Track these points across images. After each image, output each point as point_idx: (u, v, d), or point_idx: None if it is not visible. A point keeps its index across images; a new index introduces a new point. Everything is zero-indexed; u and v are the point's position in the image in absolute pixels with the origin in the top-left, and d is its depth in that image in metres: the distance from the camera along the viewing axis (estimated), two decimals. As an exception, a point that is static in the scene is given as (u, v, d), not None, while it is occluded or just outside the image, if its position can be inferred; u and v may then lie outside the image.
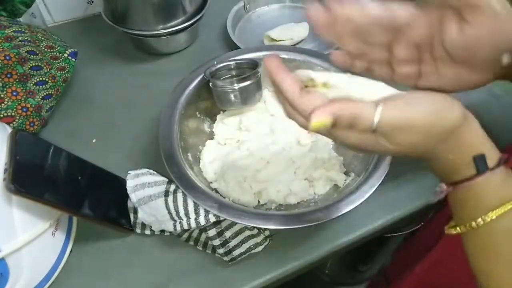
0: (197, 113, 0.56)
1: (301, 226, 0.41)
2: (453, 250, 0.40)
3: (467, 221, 0.27)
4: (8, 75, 0.48)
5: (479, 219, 0.26)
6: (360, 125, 0.26)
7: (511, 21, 0.25)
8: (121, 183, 0.46)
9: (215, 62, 0.56)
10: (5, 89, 0.49)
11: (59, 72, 0.55)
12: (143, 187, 0.45)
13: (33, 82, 0.51)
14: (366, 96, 0.27)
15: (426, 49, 0.28)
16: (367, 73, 0.31)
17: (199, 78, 0.55)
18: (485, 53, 0.26)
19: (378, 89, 0.28)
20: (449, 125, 0.26)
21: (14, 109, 0.50)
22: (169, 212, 0.44)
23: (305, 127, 0.28)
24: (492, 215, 0.25)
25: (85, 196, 0.43)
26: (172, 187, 0.46)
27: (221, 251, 0.45)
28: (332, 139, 0.28)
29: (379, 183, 0.44)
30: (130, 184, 0.45)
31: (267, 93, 0.60)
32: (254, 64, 0.55)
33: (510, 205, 0.25)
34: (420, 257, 0.48)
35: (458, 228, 0.28)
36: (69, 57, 0.56)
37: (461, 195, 0.27)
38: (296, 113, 0.28)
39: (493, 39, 0.25)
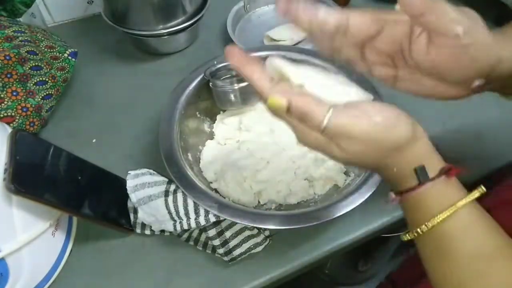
0: (197, 113, 0.56)
1: (301, 226, 0.41)
2: None
3: (415, 228, 0.28)
4: (8, 75, 0.48)
5: (423, 226, 0.28)
6: (310, 122, 0.27)
7: (480, 50, 0.26)
8: (121, 183, 0.46)
9: (215, 62, 0.56)
10: (5, 89, 0.49)
11: (59, 72, 0.55)
12: (143, 187, 0.45)
13: (33, 82, 0.51)
14: (335, 99, 0.28)
15: (398, 57, 0.30)
16: (349, 64, 0.32)
17: (199, 78, 0.55)
18: (452, 75, 0.28)
19: (349, 94, 0.29)
20: (395, 142, 0.27)
21: (14, 109, 0.50)
22: (169, 212, 0.44)
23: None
24: (435, 220, 0.27)
25: (85, 196, 0.43)
26: (172, 187, 0.46)
27: (221, 251, 0.45)
28: (293, 132, 0.30)
29: (379, 183, 0.44)
30: (130, 184, 0.45)
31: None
32: None
33: (450, 211, 0.26)
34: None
35: (407, 235, 0.30)
36: (69, 57, 0.56)
37: (408, 203, 0.29)
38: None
39: (459, 64, 0.27)
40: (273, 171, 0.51)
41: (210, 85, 0.54)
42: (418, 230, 0.28)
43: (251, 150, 0.53)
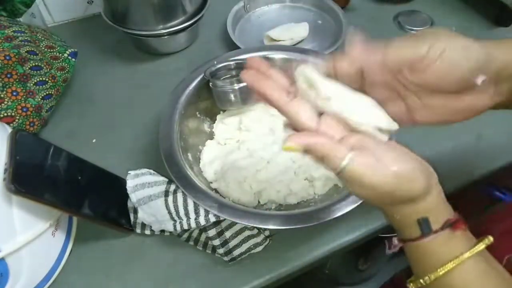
0: (197, 113, 0.56)
1: (301, 226, 0.41)
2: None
3: (420, 277, 0.28)
4: (8, 75, 0.48)
5: (426, 277, 0.28)
6: (327, 163, 0.27)
7: (455, 54, 0.27)
8: (121, 183, 0.46)
9: (215, 62, 0.56)
10: (5, 89, 0.49)
11: (59, 72, 0.55)
12: (143, 187, 0.45)
13: (33, 82, 0.51)
14: (359, 115, 0.28)
15: (398, 85, 0.29)
16: None
17: (199, 78, 0.55)
18: (445, 84, 0.27)
19: (372, 117, 0.29)
20: (405, 197, 0.27)
21: (14, 109, 0.50)
22: (169, 212, 0.44)
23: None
24: (438, 273, 0.27)
25: (85, 196, 0.43)
26: (172, 187, 0.46)
27: (221, 251, 0.45)
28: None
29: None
30: (130, 184, 0.45)
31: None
32: None
33: (453, 264, 0.26)
34: None
35: (412, 284, 0.30)
36: (69, 57, 0.56)
37: (411, 252, 0.29)
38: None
39: (442, 73, 0.27)
40: (273, 171, 0.51)
41: (210, 85, 0.54)
42: (422, 281, 0.28)
43: (251, 150, 0.53)
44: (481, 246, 0.27)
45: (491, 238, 0.28)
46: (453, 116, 0.30)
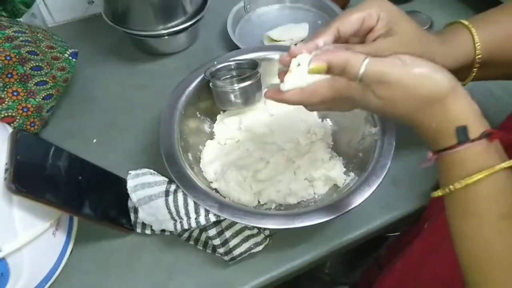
0: (197, 113, 0.56)
1: (301, 225, 0.41)
2: (438, 243, 0.41)
3: (448, 185, 0.29)
4: (9, 75, 0.48)
5: (456, 183, 0.28)
6: (349, 72, 0.29)
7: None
8: (122, 183, 0.46)
9: (215, 62, 0.56)
10: (5, 89, 0.49)
11: (59, 72, 0.55)
12: (144, 187, 0.45)
13: (33, 82, 0.51)
14: None
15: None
16: None
17: (199, 79, 0.55)
18: None
19: None
20: (431, 91, 0.28)
21: (15, 109, 0.50)
22: (170, 212, 0.44)
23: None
24: (469, 180, 0.27)
25: (85, 196, 0.43)
26: (173, 187, 0.46)
27: (221, 250, 0.45)
28: (331, 92, 0.33)
29: (378, 183, 0.44)
30: (130, 184, 0.45)
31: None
32: (254, 64, 0.55)
33: (486, 173, 0.27)
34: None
35: (438, 191, 0.30)
36: (70, 57, 0.56)
37: (445, 162, 0.29)
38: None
39: None
40: (273, 171, 0.51)
41: (210, 85, 0.54)
42: (451, 187, 0.28)
43: (251, 150, 0.53)
44: None
45: None
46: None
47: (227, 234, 0.46)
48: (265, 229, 0.48)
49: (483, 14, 0.40)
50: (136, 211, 0.47)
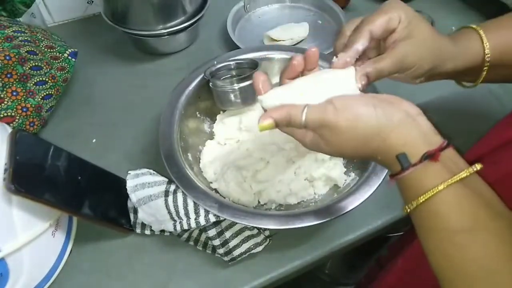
0: (197, 113, 0.56)
1: (301, 226, 0.41)
2: None
3: (406, 204, 0.31)
4: (8, 75, 0.49)
5: (409, 204, 0.30)
6: (294, 123, 0.32)
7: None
8: (121, 183, 0.47)
9: (215, 62, 0.56)
10: (5, 89, 0.49)
11: (59, 72, 0.55)
12: (143, 187, 0.45)
13: (33, 82, 0.51)
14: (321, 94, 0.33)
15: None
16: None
17: (199, 78, 0.55)
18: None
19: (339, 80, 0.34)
20: (364, 130, 0.30)
21: (14, 109, 0.50)
22: (169, 212, 0.44)
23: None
24: (419, 201, 0.29)
25: (85, 196, 0.43)
26: (172, 187, 0.46)
27: (221, 251, 0.45)
28: (291, 136, 0.35)
29: (379, 183, 0.44)
30: (130, 184, 0.45)
31: (267, 93, 0.60)
32: (254, 64, 0.55)
33: (432, 193, 0.28)
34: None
35: (404, 210, 0.32)
36: (69, 57, 0.57)
37: (399, 185, 0.31)
38: None
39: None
40: (273, 171, 0.51)
41: (210, 85, 0.54)
42: (406, 207, 0.30)
43: (251, 150, 0.53)
44: (463, 174, 0.28)
45: (478, 166, 0.29)
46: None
47: (227, 234, 0.46)
48: (265, 229, 0.48)
49: (495, 19, 0.42)
50: (135, 211, 0.47)
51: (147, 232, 0.48)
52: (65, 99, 0.62)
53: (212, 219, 0.43)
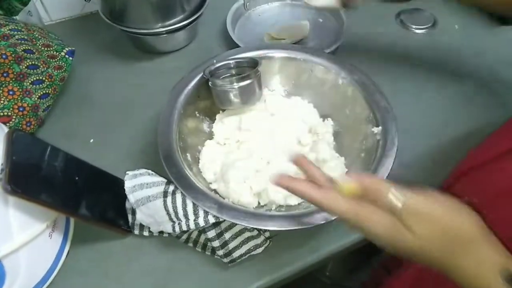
0: (196, 112, 0.56)
1: (302, 227, 0.41)
2: None
3: None
4: (4, 74, 0.49)
5: None
6: (383, 201, 0.28)
7: None
8: (119, 183, 0.46)
9: (215, 61, 0.56)
10: (1, 88, 0.49)
11: (56, 71, 0.55)
12: (142, 187, 0.45)
13: (29, 81, 0.51)
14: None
15: None
16: None
17: (198, 77, 0.55)
18: None
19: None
20: (466, 229, 0.28)
21: (11, 109, 0.50)
22: (168, 213, 0.44)
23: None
24: None
25: (82, 197, 0.43)
26: (171, 187, 0.46)
27: (220, 252, 0.45)
28: (354, 220, 0.30)
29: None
30: (128, 184, 0.45)
31: (268, 92, 0.60)
32: (254, 63, 0.55)
33: None
34: None
35: None
36: (66, 56, 0.57)
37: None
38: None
39: None
40: (273, 172, 0.51)
41: (209, 84, 0.54)
42: None
43: (251, 150, 0.53)
44: None
45: None
46: None
47: (227, 236, 0.46)
48: (265, 230, 0.48)
49: None
50: (134, 212, 0.47)
51: (146, 233, 0.48)
52: (62, 98, 0.62)
53: (212, 220, 0.43)
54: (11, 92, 0.49)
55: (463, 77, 0.66)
